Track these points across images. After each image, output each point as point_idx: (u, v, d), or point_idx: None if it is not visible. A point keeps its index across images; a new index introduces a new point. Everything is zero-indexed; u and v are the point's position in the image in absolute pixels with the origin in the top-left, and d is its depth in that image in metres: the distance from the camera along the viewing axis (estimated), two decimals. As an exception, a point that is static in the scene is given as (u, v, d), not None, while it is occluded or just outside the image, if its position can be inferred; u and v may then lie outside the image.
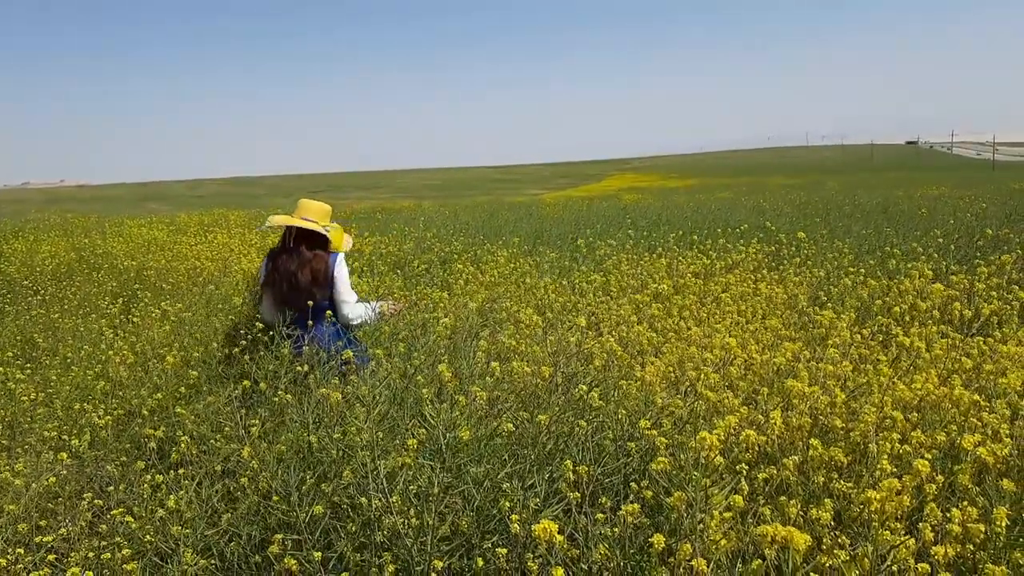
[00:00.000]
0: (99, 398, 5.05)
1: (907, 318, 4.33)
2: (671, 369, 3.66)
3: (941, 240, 7.46)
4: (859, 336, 3.89)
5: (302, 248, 5.02)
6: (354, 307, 5.11)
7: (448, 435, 2.80)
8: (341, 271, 5.10)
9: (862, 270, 5.99)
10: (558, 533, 2.40)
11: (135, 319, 7.17)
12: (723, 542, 2.18)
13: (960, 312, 4.12)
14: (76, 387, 5.38)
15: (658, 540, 2.16)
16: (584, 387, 3.07)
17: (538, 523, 2.28)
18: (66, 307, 8.24)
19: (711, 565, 2.10)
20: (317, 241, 5.09)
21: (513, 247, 9.08)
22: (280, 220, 5.16)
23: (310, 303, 4.77)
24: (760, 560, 2.07)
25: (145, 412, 4.68)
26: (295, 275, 4.95)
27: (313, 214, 5.14)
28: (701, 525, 2.15)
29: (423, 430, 3.10)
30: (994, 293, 4.74)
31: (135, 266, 10.58)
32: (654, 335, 4.19)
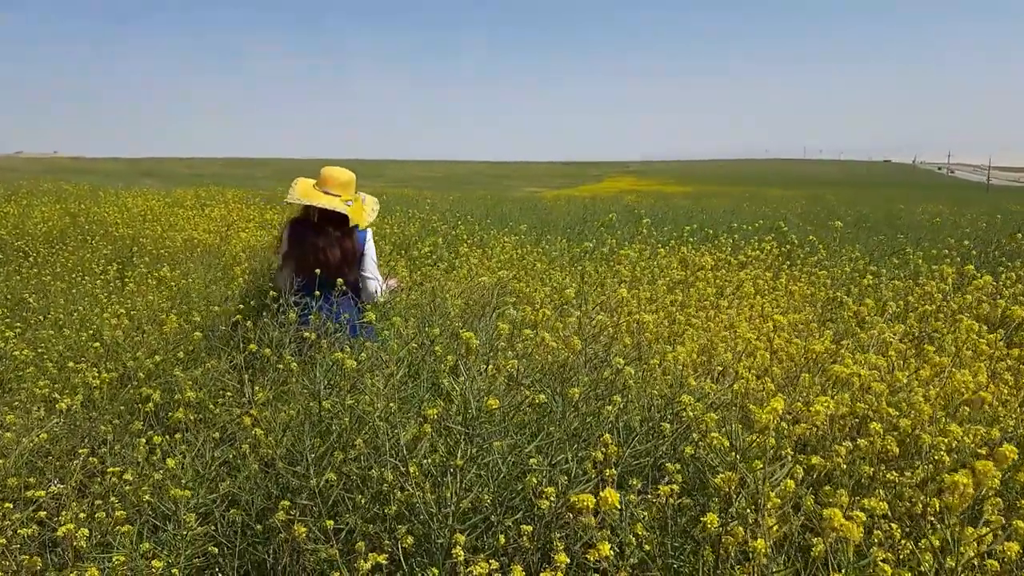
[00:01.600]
0: (93, 359, 4.89)
1: (939, 317, 4.19)
2: (700, 356, 3.51)
3: (956, 248, 7.34)
4: (891, 332, 3.75)
5: (327, 226, 4.89)
6: (380, 286, 5.01)
7: (475, 404, 2.63)
8: (370, 249, 5.01)
9: (883, 270, 5.88)
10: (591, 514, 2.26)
11: (130, 284, 7.01)
12: (775, 528, 2.04)
13: (995, 313, 3.99)
14: (69, 347, 5.21)
15: (711, 519, 2.01)
16: (620, 360, 2.92)
17: (574, 496, 2.12)
18: (58, 270, 8.05)
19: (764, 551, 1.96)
20: (339, 215, 4.92)
21: (520, 234, 8.92)
22: (304, 197, 4.94)
23: (339, 280, 4.57)
24: (821, 546, 1.92)
25: (141, 375, 4.53)
26: (324, 253, 4.82)
27: (338, 186, 4.98)
28: (755, 508, 2.00)
29: (441, 401, 2.95)
30: (1022, 298, 4.63)
31: (130, 234, 10.40)
32: (678, 320, 4.04)
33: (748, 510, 2.05)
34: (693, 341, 3.79)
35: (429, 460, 2.77)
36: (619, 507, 1.76)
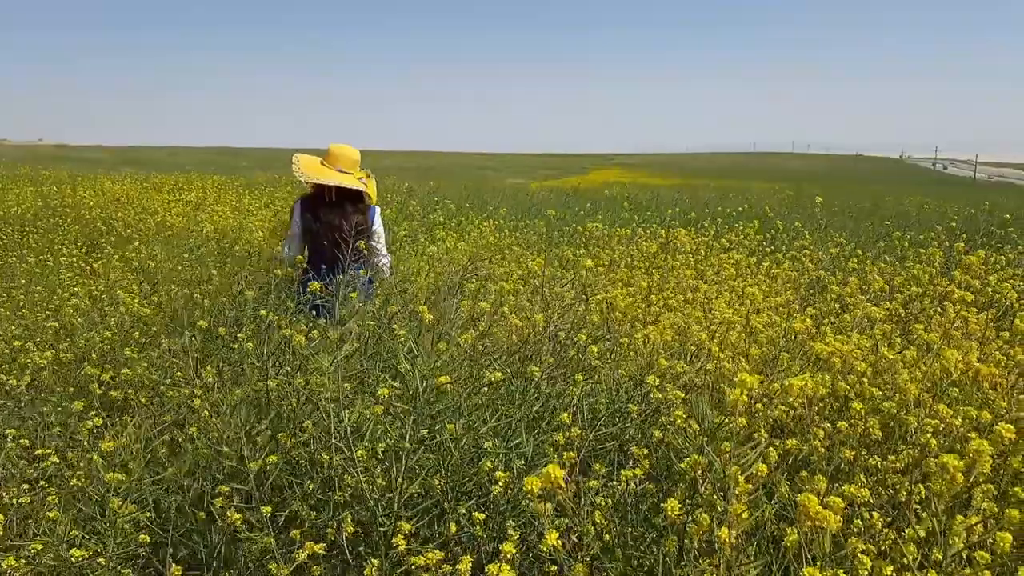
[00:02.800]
0: (49, 340, 4.70)
1: (925, 300, 4.00)
2: (676, 336, 3.32)
3: (943, 233, 7.17)
4: (876, 312, 3.57)
5: (345, 203, 5.02)
6: (389, 260, 5.26)
7: (424, 382, 2.43)
8: (379, 225, 5.19)
9: (868, 254, 5.71)
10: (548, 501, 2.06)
11: (95, 264, 6.80)
12: (744, 515, 1.84)
13: (985, 294, 3.81)
14: (25, 327, 5.01)
15: (672, 506, 1.82)
16: (584, 336, 2.71)
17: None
18: (25, 252, 7.82)
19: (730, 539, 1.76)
20: (356, 193, 5.07)
21: (499, 219, 8.72)
22: (321, 175, 5.03)
23: (350, 254, 4.70)
24: (794, 536, 1.74)
25: (94, 356, 4.34)
26: (340, 228, 4.93)
27: (347, 164, 5.11)
28: (722, 494, 1.81)
29: (394, 381, 2.75)
30: (1010, 282, 4.45)
31: (102, 217, 10.16)
32: (652, 301, 3.85)
33: (716, 497, 1.85)
34: (668, 321, 3.60)
35: (379, 444, 2.57)
36: (564, 487, 1.56)
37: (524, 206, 11.26)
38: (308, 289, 3.99)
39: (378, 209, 5.22)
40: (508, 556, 1.77)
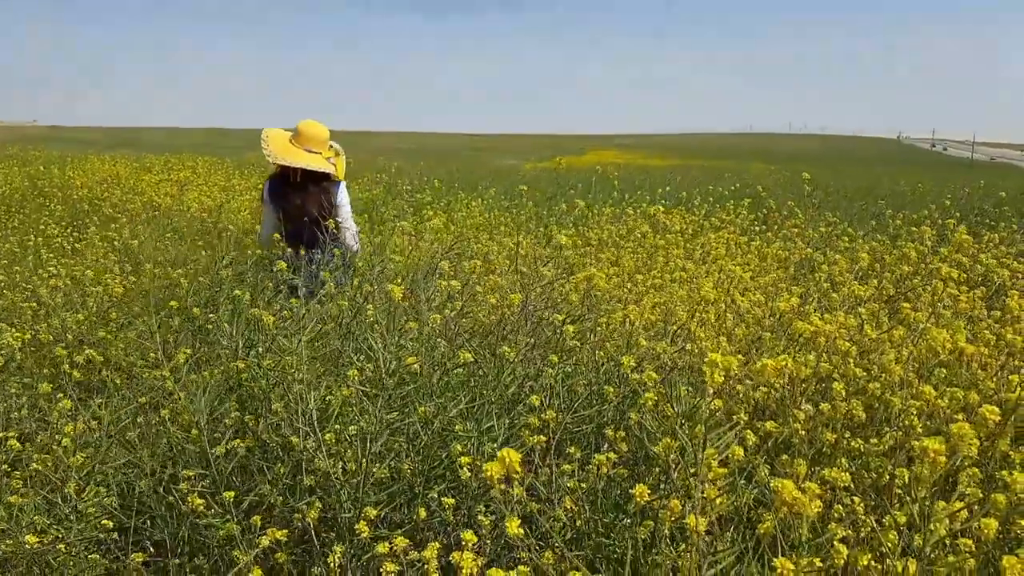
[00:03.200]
0: (28, 320, 4.62)
1: (916, 279, 3.91)
2: (655, 316, 3.23)
3: (936, 212, 7.07)
4: (863, 290, 3.47)
5: (308, 184, 4.96)
6: (356, 235, 5.18)
7: (393, 363, 2.34)
8: (345, 199, 5.11)
9: (859, 233, 5.61)
10: (518, 485, 1.99)
11: (77, 245, 6.70)
12: (719, 500, 1.76)
13: (976, 271, 3.71)
14: (3, 308, 4.94)
15: (640, 491, 1.73)
16: (559, 316, 2.63)
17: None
18: (8, 232, 7.72)
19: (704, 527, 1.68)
20: (322, 174, 5.01)
21: (489, 199, 8.62)
22: (287, 156, 4.95)
23: (319, 234, 4.72)
24: (768, 524, 1.66)
25: (69, 337, 4.25)
26: (304, 208, 4.91)
27: (315, 143, 5.01)
28: (695, 478, 1.72)
29: (371, 364, 2.67)
30: (1004, 260, 4.36)
31: (88, 196, 10.06)
32: (636, 280, 3.75)
33: (689, 482, 1.77)
34: (651, 301, 3.51)
35: (349, 427, 2.48)
36: (520, 472, 1.48)
37: (514, 185, 11.11)
38: (276, 269, 3.91)
39: (343, 184, 5.14)
40: (469, 545, 1.70)
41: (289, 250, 4.59)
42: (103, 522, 2.57)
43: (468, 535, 1.72)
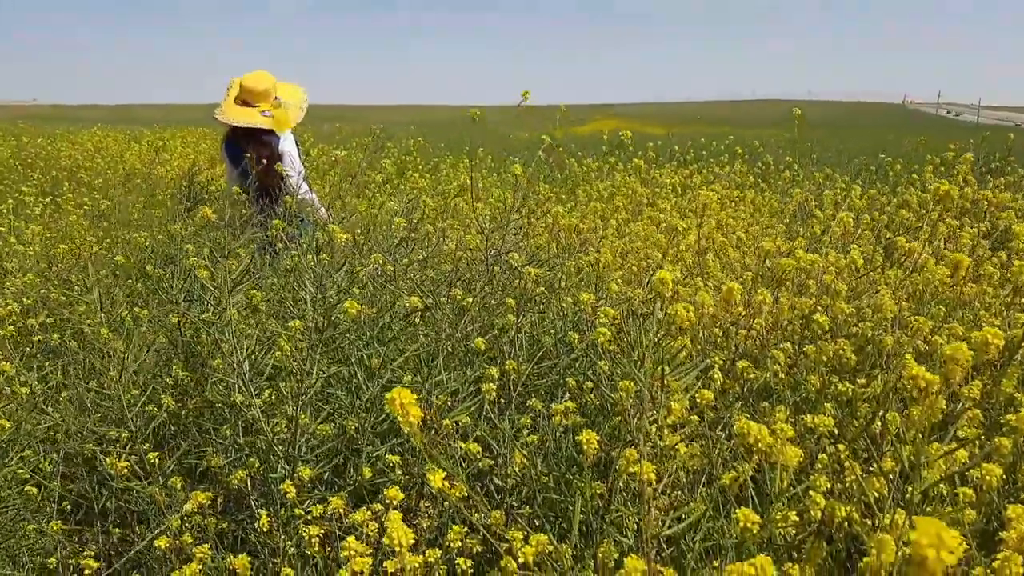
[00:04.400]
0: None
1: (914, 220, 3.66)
2: (633, 261, 3.00)
3: (941, 165, 6.78)
4: (849, 216, 3.20)
5: (245, 139, 4.81)
6: (299, 180, 4.82)
7: (330, 312, 2.12)
8: (287, 147, 4.92)
9: (858, 182, 5.35)
10: (473, 442, 1.78)
11: (49, 211, 6.51)
12: (682, 448, 1.54)
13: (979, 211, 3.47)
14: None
15: (588, 438, 1.51)
16: (517, 256, 2.40)
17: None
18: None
19: (666, 480, 1.47)
20: (257, 129, 4.83)
21: (478, 163, 8.34)
22: (226, 116, 4.88)
23: (269, 188, 4.55)
24: (732, 473, 1.44)
25: (27, 301, 4.06)
26: (249, 165, 4.62)
27: (253, 96, 4.86)
28: (654, 424, 1.50)
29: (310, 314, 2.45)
30: (1011, 206, 4.13)
31: (70, 166, 9.85)
32: (611, 224, 3.51)
33: (650, 428, 1.54)
34: (621, 245, 3.27)
35: (285, 384, 2.27)
36: (417, 416, 1.26)
37: (507, 145, 10.85)
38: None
39: (287, 134, 4.93)
40: (393, 502, 1.48)
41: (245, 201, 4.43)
42: (28, 488, 2.38)
43: (392, 492, 1.50)
